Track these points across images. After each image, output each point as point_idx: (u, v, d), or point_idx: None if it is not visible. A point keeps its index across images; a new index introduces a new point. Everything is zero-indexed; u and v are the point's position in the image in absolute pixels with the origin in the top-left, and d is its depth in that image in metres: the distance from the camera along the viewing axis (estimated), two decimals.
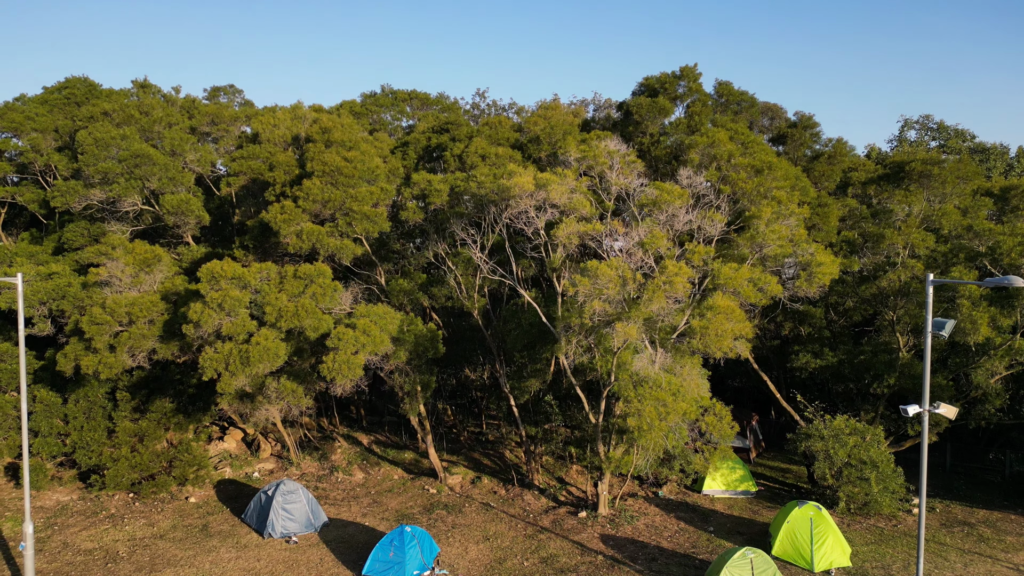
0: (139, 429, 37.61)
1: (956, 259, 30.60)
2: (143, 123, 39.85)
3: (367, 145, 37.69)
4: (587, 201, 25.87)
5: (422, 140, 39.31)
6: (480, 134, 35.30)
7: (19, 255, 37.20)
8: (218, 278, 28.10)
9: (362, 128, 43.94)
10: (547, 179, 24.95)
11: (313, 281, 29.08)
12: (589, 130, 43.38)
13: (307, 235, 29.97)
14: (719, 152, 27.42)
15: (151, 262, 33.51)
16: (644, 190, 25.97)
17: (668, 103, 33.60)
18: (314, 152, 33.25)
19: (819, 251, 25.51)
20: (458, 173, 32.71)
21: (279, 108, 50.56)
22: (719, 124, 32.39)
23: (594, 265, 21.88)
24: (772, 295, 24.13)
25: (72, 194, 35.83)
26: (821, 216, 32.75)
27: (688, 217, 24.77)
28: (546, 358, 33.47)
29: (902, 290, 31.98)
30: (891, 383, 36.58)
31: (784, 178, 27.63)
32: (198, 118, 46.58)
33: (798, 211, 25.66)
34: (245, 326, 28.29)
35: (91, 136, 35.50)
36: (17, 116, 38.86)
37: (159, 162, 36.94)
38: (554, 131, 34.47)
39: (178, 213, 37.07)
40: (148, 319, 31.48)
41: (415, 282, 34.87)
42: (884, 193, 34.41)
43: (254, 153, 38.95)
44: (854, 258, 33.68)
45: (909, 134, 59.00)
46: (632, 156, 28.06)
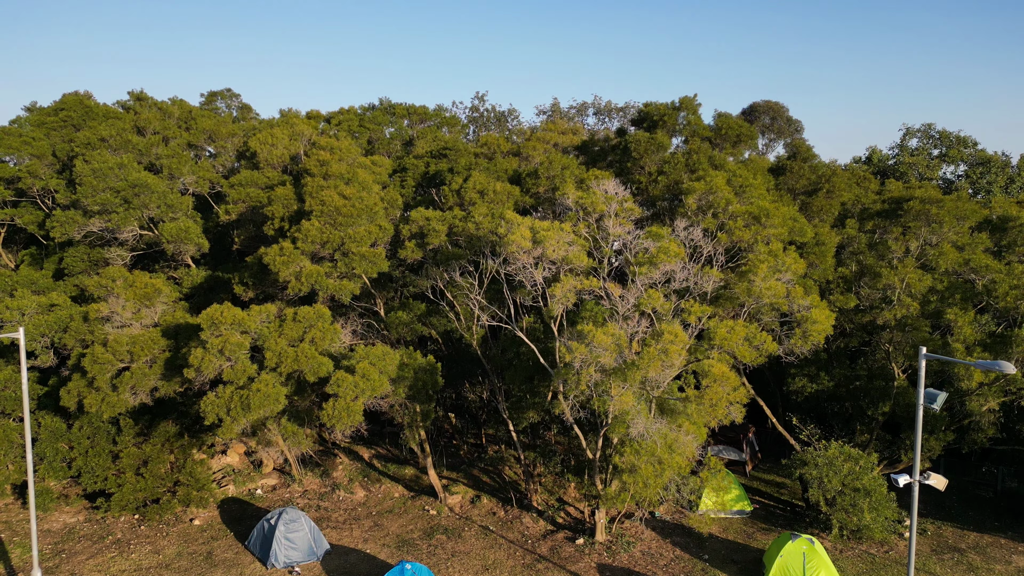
0: (143, 454, 38.15)
1: (952, 299, 30.74)
2: (141, 146, 39.73)
3: (365, 173, 37.62)
4: (584, 255, 25.97)
5: (420, 166, 39.20)
6: (478, 166, 35.22)
7: (20, 283, 37.39)
8: (218, 324, 28.30)
9: (359, 148, 43.77)
10: (544, 235, 24.99)
11: (313, 325, 29.31)
12: (588, 152, 43.30)
13: (306, 277, 30.11)
14: (716, 200, 27.42)
15: (151, 295, 33.73)
16: (642, 242, 26.05)
17: (666, 139, 33.45)
18: (312, 187, 33.22)
19: (815, 304, 25.68)
20: (456, 211, 32.72)
21: (276, 123, 50.34)
22: (717, 163, 32.31)
23: (590, 330, 22.07)
24: (767, 352, 24.35)
25: (71, 224, 35.90)
26: (818, 255, 32.85)
27: (685, 275, 24.89)
28: (544, 392, 33.82)
29: (898, 325, 32.19)
30: (885, 410, 37.00)
31: (781, 223, 27.66)
32: (196, 133, 46.40)
33: (794, 266, 25.75)
34: (246, 371, 28.59)
35: (89, 167, 35.45)
36: (14, 141, 38.73)
37: (157, 190, 36.94)
38: (552, 165, 34.38)
39: (177, 241, 37.19)
40: (149, 358, 31.80)
41: (414, 313, 35.08)
42: (884, 223, 34.40)
43: (252, 179, 38.93)
44: (851, 295, 33.82)
45: (911, 142, 58.71)
46: (630, 202, 28.05)
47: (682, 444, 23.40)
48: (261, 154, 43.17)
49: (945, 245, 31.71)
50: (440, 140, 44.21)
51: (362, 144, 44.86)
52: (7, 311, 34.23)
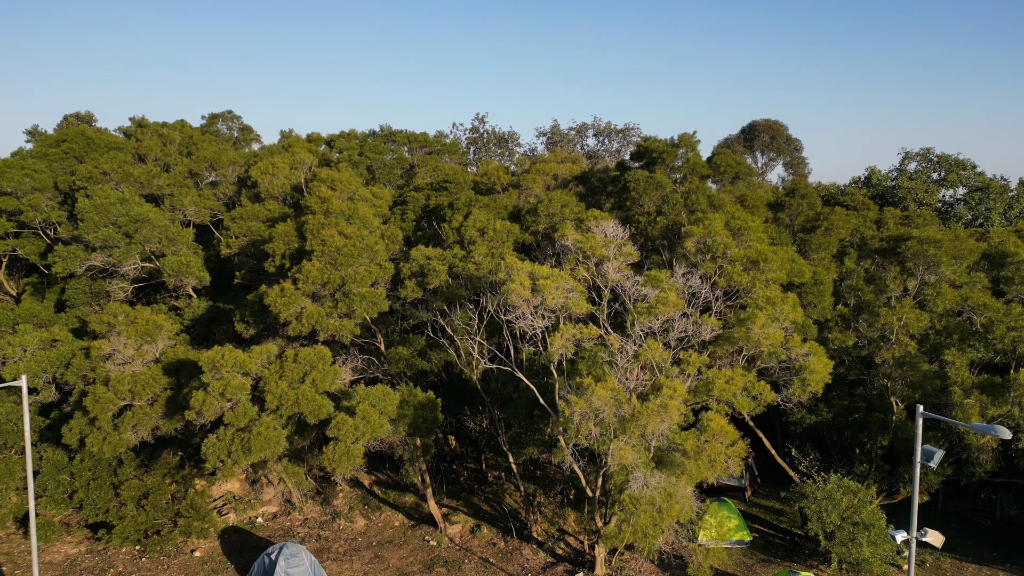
0: (144, 486, 38.29)
1: (950, 339, 30.88)
2: (142, 179, 39.93)
3: (365, 207, 37.78)
4: (583, 302, 26.14)
5: (420, 198, 39.38)
6: (478, 203, 35.37)
7: (21, 317, 37.57)
8: (219, 367, 28.46)
9: (360, 178, 43.92)
10: (543, 283, 25.15)
11: (314, 366, 29.46)
12: (588, 183, 43.45)
13: (307, 318, 30.27)
14: (714, 244, 27.58)
15: (152, 332, 33.87)
16: (641, 288, 26.20)
17: (665, 178, 33.62)
18: (313, 225, 33.36)
19: (813, 352, 25.83)
20: (457, 249, 32.88)
21: (276, 150, 50.52)
22: (716, 203, 32.46)
23: (589, 384, 22.22)
24: (766, 402, 24.51)
25: (73, 259, 36.08)
26: (816, 294, 33.02)
27: (684, 324, 25.05)
28: (544, 428, 33.95)
29: (897, 364, 32.34)
30: (884, 444, 37.13)
31: (779, 267, 27.82)
32: (197, 161, 46.59)
33: (792, 315, 25.91)
34: (247, 413, 28.74)
35: (91, 202, 35.62)
36: (17, 175, 38.92)
37: (158, 224, 37.13)
38: (552, 203, 34.55)
39: (179, 275, 37.38)
40: (150, 397, 31.97)
41: (414, 348, 35.23)
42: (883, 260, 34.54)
43: (253, 213, 39.11)
44: (849, 333, 33.97)
45: (910, 166, 58.84)
46: (628, 246, 28.22)
47: (681, 496, 23.54)
48: (262, 184, 43.33)
49: (943, 285, 31.88)
50: (440, 171, 44.36)
51: (362, 173, 45.03)
52: (9, 347, 34.40)
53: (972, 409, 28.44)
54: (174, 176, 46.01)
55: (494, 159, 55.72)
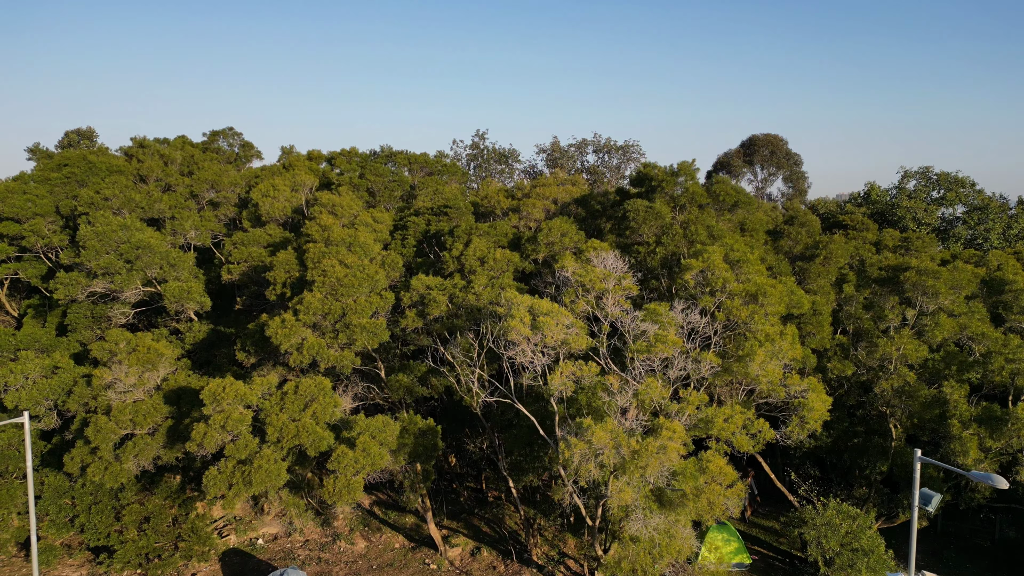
0: (145, 510, 38.37)
1: (948, 371, 30.98)
2: (143, 204, 40.05)
3: (365, 233, 37.90)
4: (583, 338, 26.27)
5: (421, 223, 39.50)
6: (478, 231, 35.49)
7: (23, 344, 37.71)
8: (220, 399, 28.58)
9: (361, 201, 44.05)
10: (543, 320, 25.28)
11: (314, 398, 29.57)
12: (587, 206, 43.59)
13: (307, 349, 30.39)
14: (713, 279, 27.70)
15: (153, 360, 33.99)
16: (640, 324, 26.32)
17: (665, 208, 33.74)
18: (314, 254, 33.51)
19: (812, 388, 25.93)
20: (457, 278, 33.00)
21: (277, 170, 50.68)
22: (715, 233, 32.57)
23: (589, 425, 22.33)
24: (765, 440, 24.63)
25: (74, 286, 36.20)
26: (815, 324, 33.13)
27: (683, 362, 25.16)
28: (543, 457, 34.05)
29: (895, 394, 32.46)
30: (883, 469, 37.21)
31: (778, 300, 27.93)
32: (199, 183, 46.74)
33: (791, 352, 26.03)
34: (248, 446, 28.84)
35: (92, 229, 35.75)
36: (19, 200, 39.06)
37: (159, 250, 37.26)
38: (551, 232, 34.68)
39: (180, 301, 37.52)
40: (152, 427, 32.10)
41: (414, 375, 35.34)
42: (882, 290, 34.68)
43: (254, 238, 39.25)
44: (848, 362, 34.08)
45: (909, 184, 58.98)
46: (628, 279, 28.33)
47: (681, 536, 23.65)
48: (263, 207, 43.49)
49: (942, 316, 31.99)
50: (440, 194, 44.48)
51: (363, 195, 45.14)
52: (11, 375, 34.54)
53: (970, 442, 28.55)
54: (175, 197, 46.15)
55: (495, 179, 55.71)
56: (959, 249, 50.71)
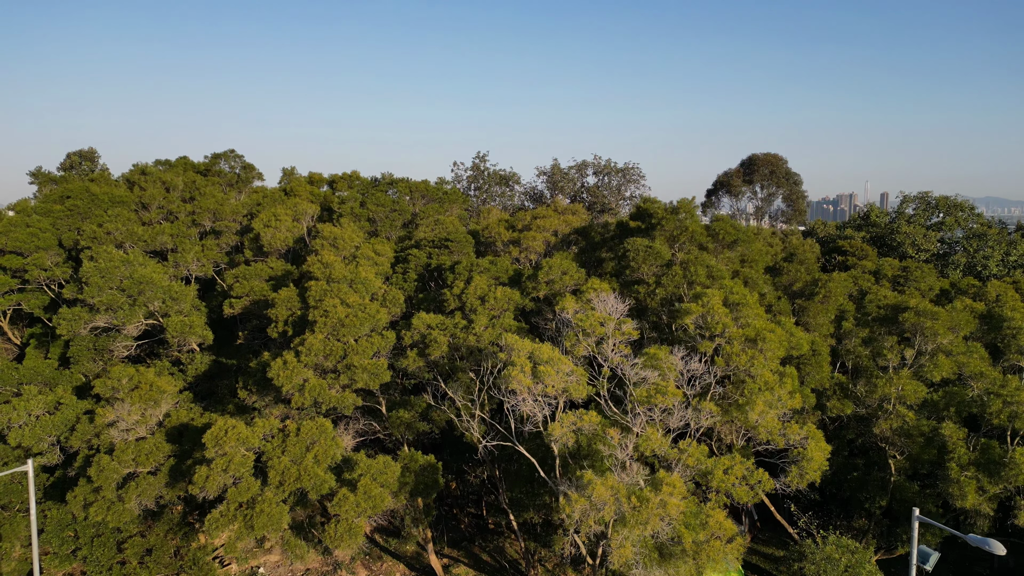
0: (147, 543, 38.49)
1: (947, 411, 31.14)
2: (146, 237, 40.23)
3: (367, 267, 38.07)
4: (583, 386, 26.44)
5: (422, 257, 39.65)
6: (478, 267, 35.65)
7: (25, 378, 37.87)
8: (222, 443, 28.71)
9: (362, 231, 44.20)
10: (544, 370, 25.45)
11: (316, 441, 29.70)
12: (588, 237, 43.76)
13: (309, 391, 30.55)
14: (713, 323, 27.87)
15: (155, 397, 34.14)
16: (640, 372, 26.48)
17: (664, 248, 33.92)
18: (316, 292, 33.65)
19: (811, 435, 26.08)
20: (458, 316, 33.16)
21: (278, 196, 50.84)
22: (715, 273, 32.72)
23: (590, 480, 22.49)
24: (765, 490, 24.78)
25: (77, 321, 36.35)
26: (814, 364, 33.30)
27: (683, 412, 25.32)
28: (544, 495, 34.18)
29: (895, 433, 32.62)
30: (882, 504, 37.31)
31: (778, 344, 28.09)
32: (201, 212, 46.91)
33: (790, 403, 26.18)
34: (250, 489, 28.96)
35: (95, 265, 35.91)
36: (22, 234, 39.23)
37: (161, 285, 37.43)
38: (552, 270, 34.84)
39: (182, 335, 37.69)
40: (154, 466, 32.24)
41: (415, 411, 35.49)
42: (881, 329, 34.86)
43: (256, 272, 39.43)
44: (847, 401, 34.24)
45: (908, 209, 59.19)
46: (628, 324, 28.48)
47: None
48: (265, 237, 43.66)
49: (940, 357, 32.14)
50: (441, 224, 44.66)
51: (364, 225, 45.31)
52: (14, 412, 34.70)
53: (968, 486, 28.70)
54: (178, 226, 46.33)
55: (495, 203, 55.77)
56: (958, 277, 50.87)
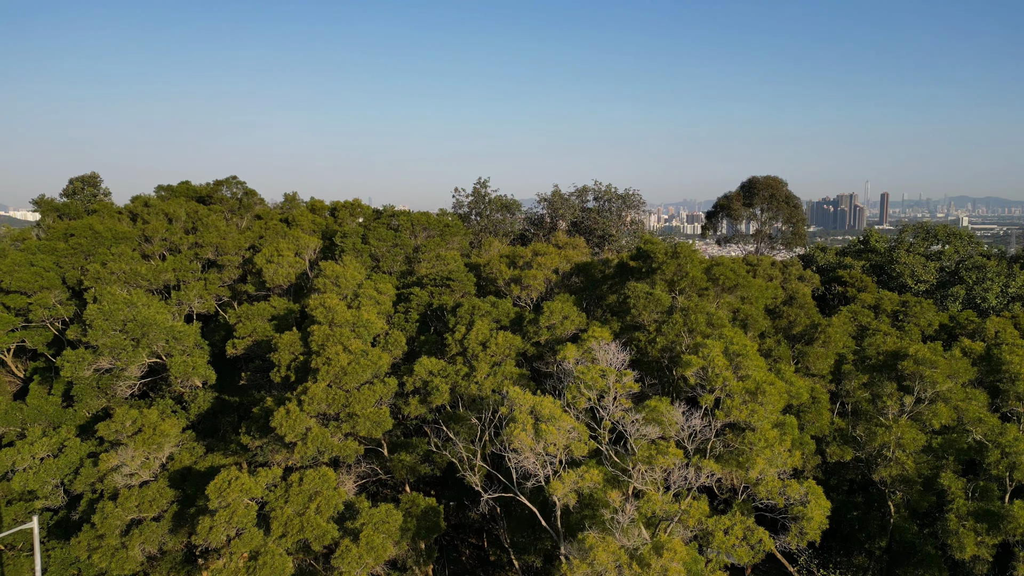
0: None
1: (946, 460, 31.33)
2: (149, 276, 40.46)
3: (369, 308, 38.29)
4: (585, 444, 26.66)
5: (423, 296, 39.86)
6: (480, 311, 35.87)
7: (29, 418, 38.10)
8: (225, 495, 28.91)
9: (363, 267, 44.41)
10: (546, 429, 25.69)
11: (318, 491, 29.89)
12: (589, 275, 43.96)
13: (312, 440, 30.75)
14: (713, 376, 28.08)
15: (159, 441, 34.34)
16: (642, 428, 26.70)
17: (665, 295, 34.15)
18: (319, 337, 33.86)
19: (810, 492, 26.25)
20: (459, 363, 33.39)
21: (281, 232, 51.06)
22: (715, 321, 32.93)
23: (592, 543, 22.69)
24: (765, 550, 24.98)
25: (81, 363, 36.53)
26: (815, 413, 33.50)
27: (683, 472, 25.52)
28: (545, 540, 34.35)
29: (894, 482, 32.84)
30: (883, 544, 37.48)
31: (778, 397, 28.27)
32: (203, 247, 47.16)
33: (790, 461, 26.36)
34: (253, 540, 29.15)
35: (98, 308, 36.12)
36: (26, 274, 39.46)
37: (164, 326, 37.65)
38: (553, 314, 35.07)
39: (184, 376, 37.92)
40: (157, 512, 32.43)
41: (417, 453, 35.69)
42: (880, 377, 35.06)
43: (259, 311, 39.66)
44: (847, 448, 34.44)
45: (907, 237, 59.45)
46: (629, 377, 28.69)
47: None
48: (267, 273, 43.89)
49: (940, 405, 32.33)
50: (443, 260, 44.89)
51: (366, 261, 45.51)
52: (19, 456, 34.92)
53: (967, 538, 28.87)
54: (181, 260, 46.57)
55: (496, 239, 55.99)
56: (957, 310, 51.07)
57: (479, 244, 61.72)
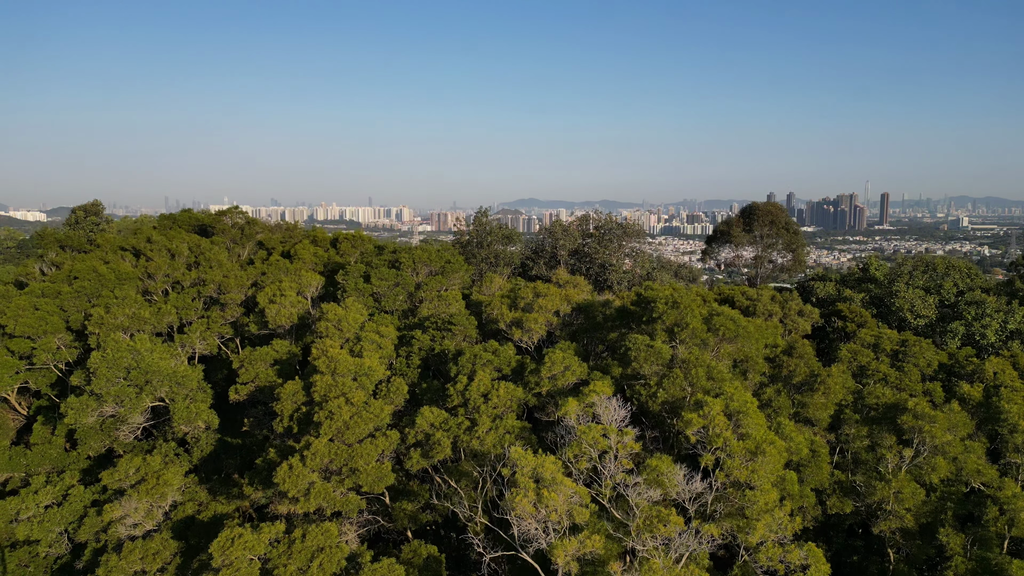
0: None
1: (944, 516, 31.51)
2: (152, 320, 40.68)
3: (371, 351, 38.49)
4: (585, 511, 26.83)
5: (425, 341, 40.04)
6: (481, 359, 36.08)
7: (33, 465, 38.29)
8: (229, 553, 29.08)
9: (365, 307, 44.59)
10: (548, 497, 25.87)
11: (321, 549, 30.04)
12: (590, 316, 44.14)
13: (315, 496, 30.91)
14: (713, 436, 28.29)
15: (162, 491, 34.54)
16: (644, 492, 26.90)
17: (666, 348, 34.37)
18: (321, 387, 34.06)
19: (811, 558, 26.41)
20: (461, 415, 33.58)
21: (282, 267, 51.26)
22: (715, 375, 33.14)
23: None
24: None
25: (84, 411, 36.72)
26: (814, 467, 33.70)
27: (683, 540, 25.72)
28: None
29: (892, 536, 33.00)
30: None
31: (778, 458, 28.46)
32: (206, 284, 47.35)
33: (790, 526, 26.56)
34: None
35: (102, 357, 36.33)
36: (31, 319, 39.68)
37: (166, 372, 37.86)
38: (554, 365, 35.27)
39: (187, 422, 38.13)
40: (161, 565, 32.60)
41: (419, 502, 35.85)
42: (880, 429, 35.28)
43: (261, 356, 39.89)
44: (848, 500, 34.62)
45: (905, 269, 59.70)
46: (630, 436, 28.88)
47: None
48: (269, 314, 44.07)
49: (939, 459, 32.54)
50: (444, 301, 45.08)
51: (367, 301, 45.70)
52: (23, 504, 35.15)
53: None
54: (183, 298, 46.79)
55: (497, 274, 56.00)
56: (956, 347, 51.23)
57: (480, 276, 61.94)
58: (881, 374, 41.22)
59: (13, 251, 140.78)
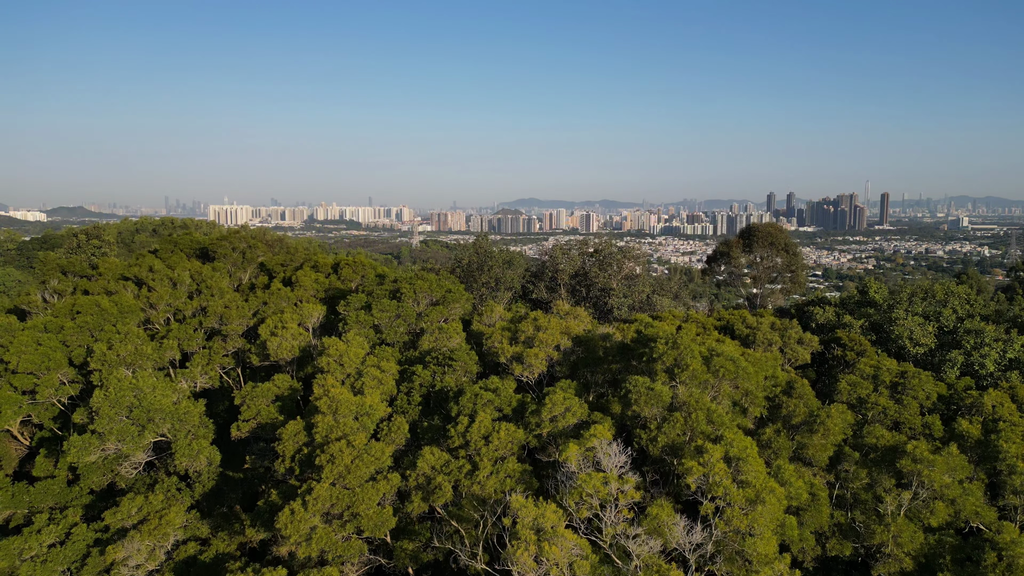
0: None
1: (943, 559, 31.69)
2: (154, 356, 40.86)
3: (372, 387, 38.69)
4: (586, 562, 27.05)
5: (426, 377, 40.25)
6: (482, 399, 36.29)
7: (36, 501, 38.45)
8: None
9: (367, 340, 44.79)
10: (549, 551, 26.08)
11: None
12: (590, 348, 44.33)
13: (316, 541, 31.10)
14: (714, 486, 28.52)
15: (164, 531, 34.73)
16: (645, 544, 27.10)
17: (666, 390, 34.56)
18: (323, 429, 34.29)
19: None
20: (462, 457, 33.77)
21: (283, 296, 51.40)
22: (715, 419, 33.35)
23: None
24: None
25: (87, 449, 36.89)
26: (814, 510, 33.90)
27: None
28: None
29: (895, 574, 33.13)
30: None
31: (778, 506, 28.70)
32: (208, 315, 47.54)
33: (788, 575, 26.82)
34: None
35: (104, 396, 36.52)
36: (34, 356, 39.86)
37: (168, 409, 38.07)
38: (555, 406, 35.49)
39: (189, 459, 38.32)
40: None
41: (420, 540, 36.01)
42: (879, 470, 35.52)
43: (263, 391, 40.07)
44: (847, 543, 34.80)
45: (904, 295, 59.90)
46: (630, 484, 29.10)
47: None
48: (271, 346, 44.28)
49: (938, 504, 32.74)
50: (445, 334, 45.23)
51: (368, 334, 45.89)
52: (25, 544, 35.28)
53: None
54: (184, 330, 46.96)
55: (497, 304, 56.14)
56: (955, 377, 51.39)
57: (481, 301, 62.15)
58: (880, 407, 41.41)
59: (13, 253, 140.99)
